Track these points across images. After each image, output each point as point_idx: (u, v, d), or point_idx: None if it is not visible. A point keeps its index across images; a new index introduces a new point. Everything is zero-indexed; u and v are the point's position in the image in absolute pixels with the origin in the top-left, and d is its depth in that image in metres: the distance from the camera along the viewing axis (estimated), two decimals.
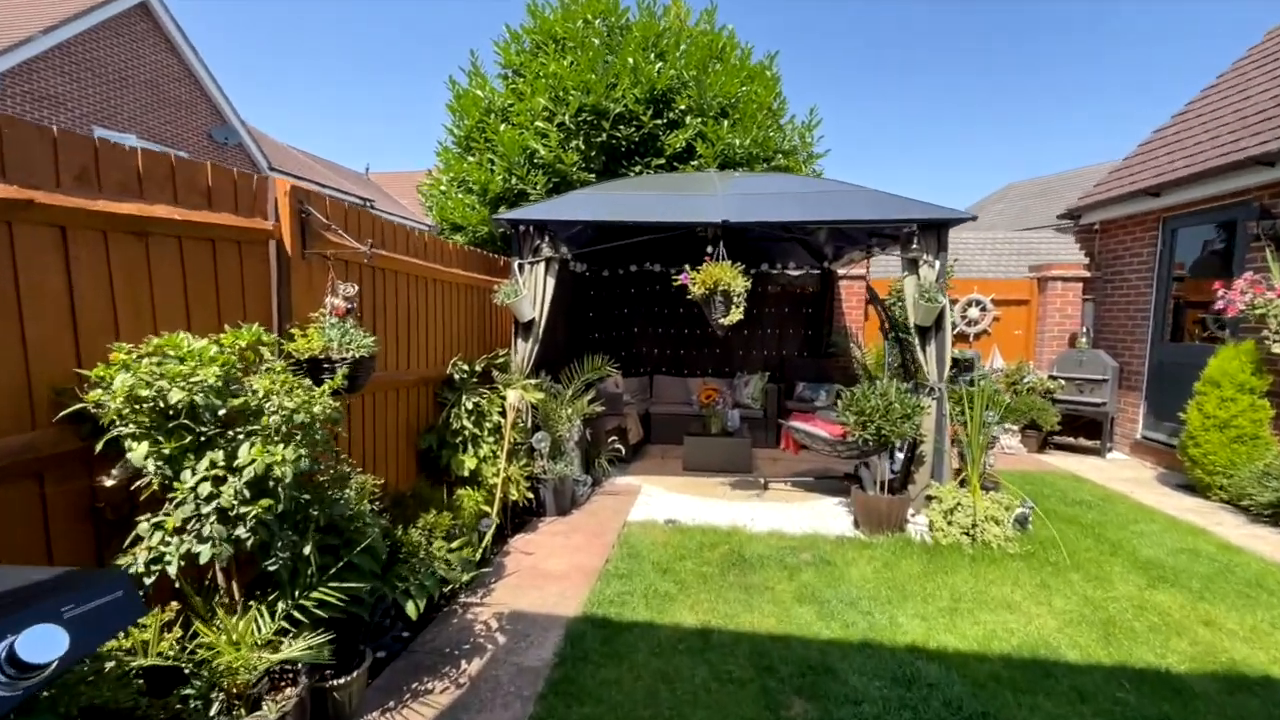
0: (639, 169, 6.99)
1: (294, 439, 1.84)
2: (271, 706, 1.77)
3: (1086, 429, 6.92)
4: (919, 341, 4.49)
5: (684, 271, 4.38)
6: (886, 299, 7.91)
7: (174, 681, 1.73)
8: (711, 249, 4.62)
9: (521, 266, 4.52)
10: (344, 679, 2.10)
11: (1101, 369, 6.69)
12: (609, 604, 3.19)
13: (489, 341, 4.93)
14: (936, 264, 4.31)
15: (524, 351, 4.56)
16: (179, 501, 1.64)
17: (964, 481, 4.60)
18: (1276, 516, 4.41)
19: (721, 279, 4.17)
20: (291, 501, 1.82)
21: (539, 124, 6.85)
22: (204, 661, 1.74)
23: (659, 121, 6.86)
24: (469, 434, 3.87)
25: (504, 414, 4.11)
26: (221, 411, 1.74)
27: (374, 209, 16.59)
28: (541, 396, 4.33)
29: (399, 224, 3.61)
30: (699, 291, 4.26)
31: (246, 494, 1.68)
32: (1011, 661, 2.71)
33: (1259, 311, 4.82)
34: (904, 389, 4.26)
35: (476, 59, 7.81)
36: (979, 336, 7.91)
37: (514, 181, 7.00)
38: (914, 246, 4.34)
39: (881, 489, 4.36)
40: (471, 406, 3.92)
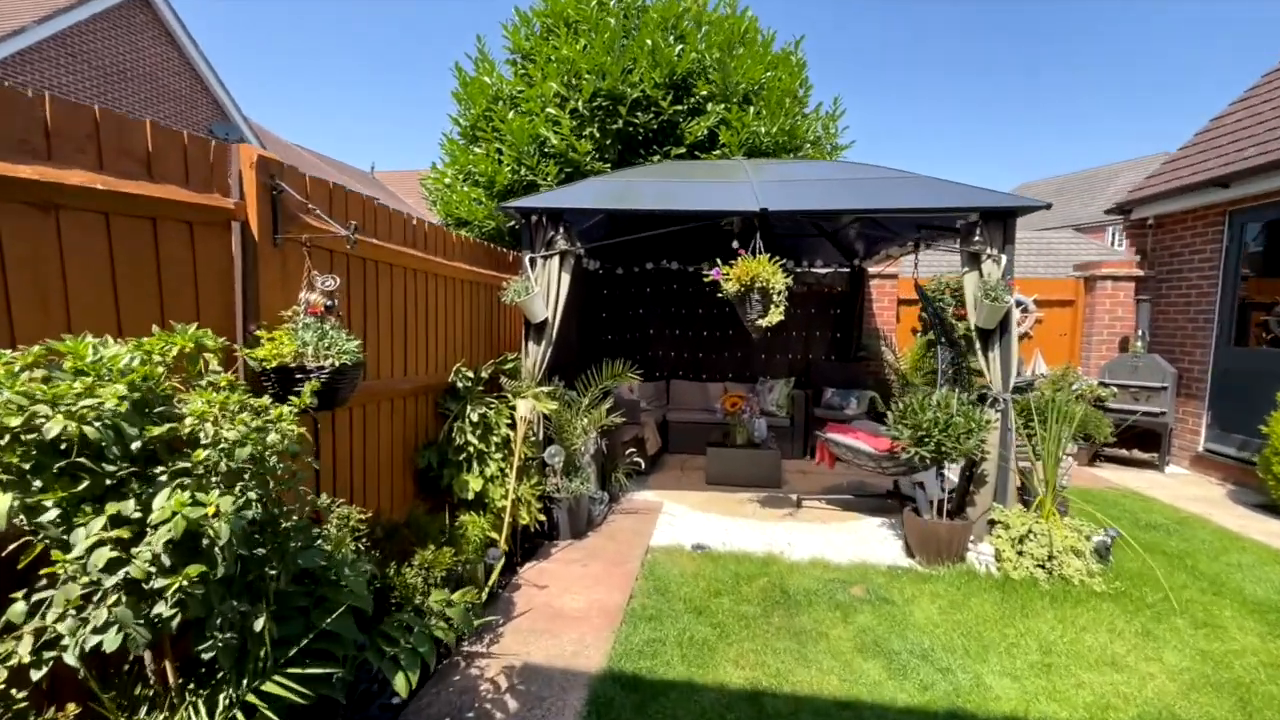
0: (657, 158, 6.51)
1: (240, 480, 1.37)
2: None
3: (1140, 440, 6.38)
4: (980, 346, 3.99)
5: (715, 266, 3.90)
6: (920, 299, 7.41)
7: None
8: (736, 244, 4.14)
9: (533, 261, 4.05)
10: None
11: (1160, 375, 6.16)
12: (638, 655, 2.71)
13: (496, 345, 4.46)
14: (1003, 259, 3.81)
15: (536, 356, 4.09)
16: (64, 578, 1.18)
17: (1027, 502, 4.09)
18: None
19: (759, 274, 3.69)
20: (236, 563, 1.35)
21: (550, 110, 6.38)
22: None
23: (679, 108, 6.39)
24: (474, 450, 3.40)
25: (513, 426, 3.65)
26: (136, 445, 1.27)
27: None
28: (555, 406, 3.86)
29: (396, 211, 3.14)
30: (733, 288, 3.78)
31: (167, 561, 1.21)
32: None
33: None
34: (966, 400, 3.76)
35: (483, 44, 7.36)
36: (1020, 339, 7.37)
37: (523, 172, 6.54)
38: (976, 239, 3.84)
39: (938, 511, 3.86)
40: (477, 419, 3.44)
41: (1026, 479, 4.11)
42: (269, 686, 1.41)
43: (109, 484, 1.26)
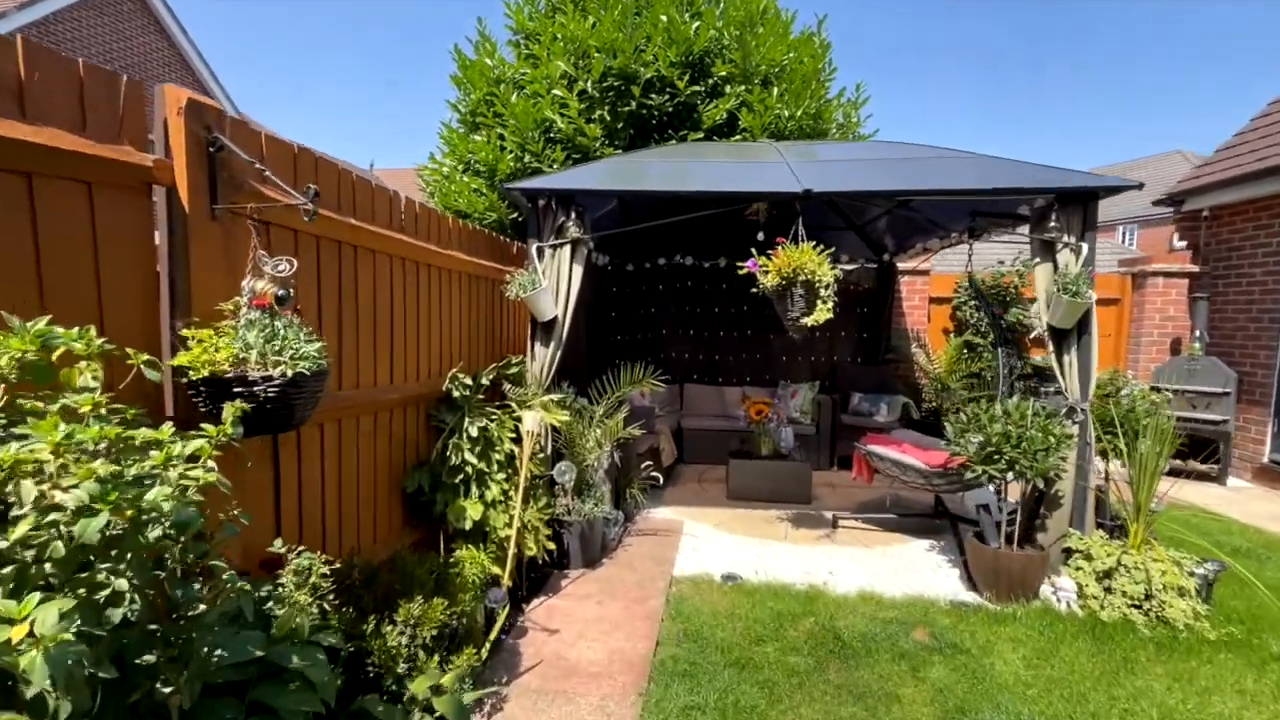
0: (673, 143, 6.01)
1: (108, 563, 0.86)
2: None
3: (1195, 450, 5.87)
4: (1054, 348, 3.48)
5: (751, 258, 3.40)
6: (953, 297, 6.91)
7: None
8: (763, 235, 3.64)
9: (541, 251, 3.55)
10: None
11: (1221, 380, 5.65)
12: None
13: (499, 346, 3.96)
14: (1083, 247, 3.31)
15: (544, 359, 3.58)
16: None
17: (1104, 527, 3.59)
18: None
19: (804, 266, 3.18)
20: (95, 695, 0.84)
21: (557, 92, 5.88)
22: None
23: (696, 89, 5.88)
24: (472, 470, 2.90)
25: (518, 441, 3.14)
26: None
27: None
28: (567, 418, 3.36)
29: (380, 187, 2.64)
30: (772, 283, 3.28)
31: None
32: None
33: None
34: (1044, 410, 3.25)
35: (484, 25, 6.85)
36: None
37: (527, 159, 6.03)
38: (1051, 225, 3.34)
39: (1007, 539, 3.35)
40: (476, 433, 2.94)
41: (1103, 500, 3.60)
42: None
43: None
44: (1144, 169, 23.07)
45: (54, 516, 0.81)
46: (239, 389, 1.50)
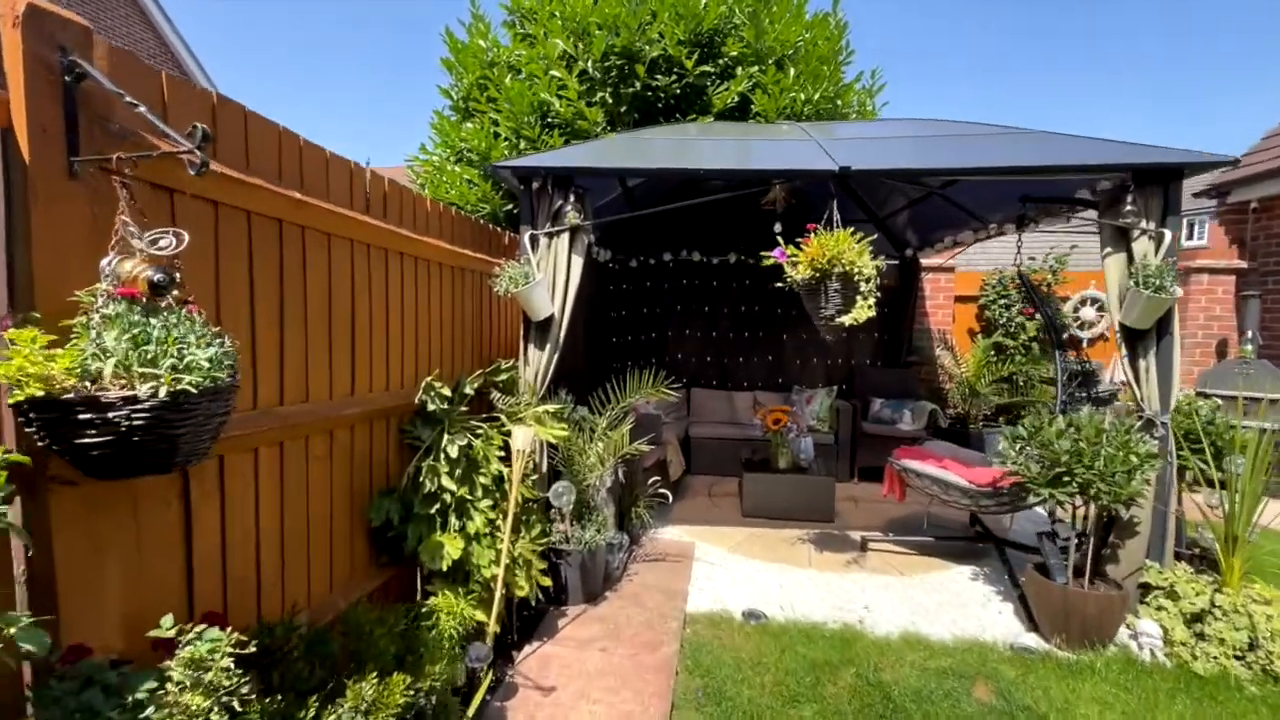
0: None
1: None
2: None
3: None
4: (1126, 352, 3.02)
5: (778, 246, 2.94)
6: (980, 295, 6.46)
7: None
8: (779, 227, 3.18)
9: (535, 240, 3.09)
10: None
11: (1276, 385, 5.19)
12: None
13: (487, 349, 3.49)
14: (1165, 234, 2.84)
15: (538, 363, 3.12)
16: None
17: (1181, 557, 3.13)
18: None
19: (841, 255, 2.72)
20: None
21: (555, 73, 5.42)
22: None
23: (706, 69, 5.42)
24: (451, 498, 2.43)
25: (507, 460, 2.68)
26: None
27: None
28: (564, 432, 2.89)
29: (335, 155, 2.18)
30: (804, 275, 2.81)
31: None
32: None
33: None
34: (1121, 424, 2.79)
35: (477, 6, 6.40)
36: (1093, 342, 6.42)
37: (522, 145, 5.57)
38: (1126, 208, 2.88)
39: (1074, 571, 2.89)
40: (456, 452, 2.47)
41: (1179, 526, 3.15)
42: None
43: None
44: None
45: None
46: (87, 414, 1.04)
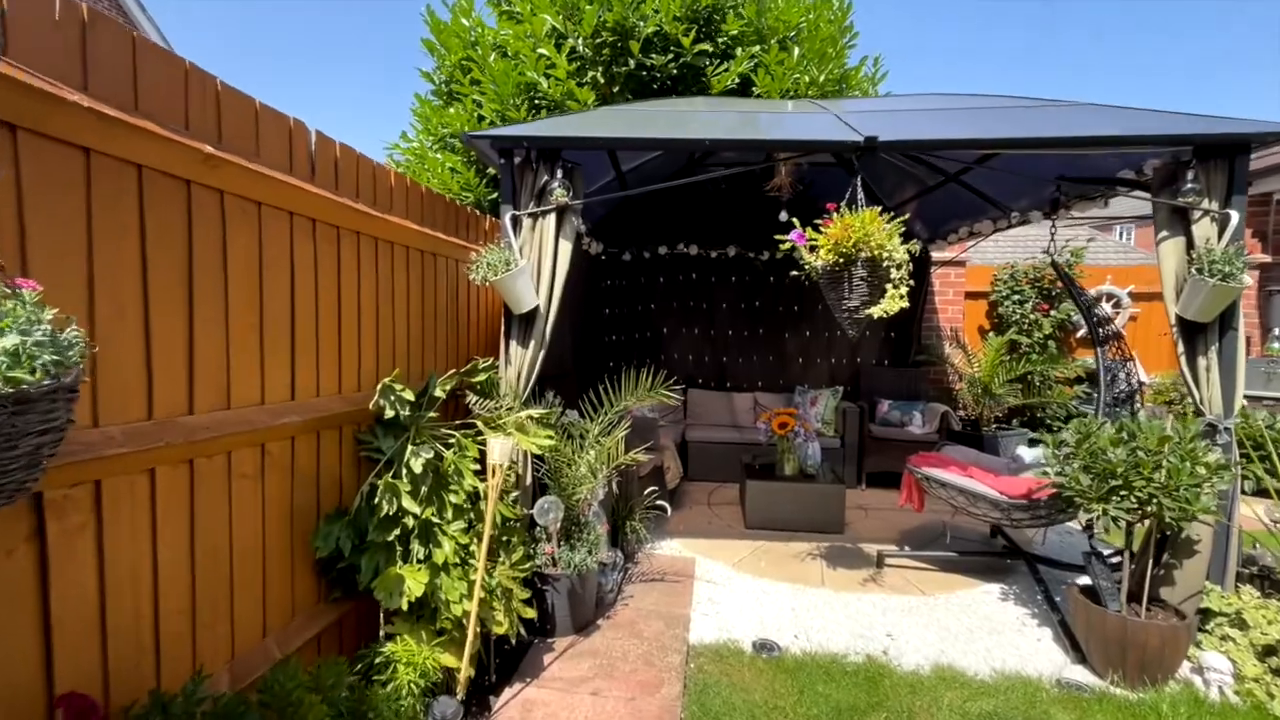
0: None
1: None
2: None
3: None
4: (1183, 349, 2.70)
5: (795, 229, 2.59)
6: (992, 291, 6.15)
7: None
8: (786, 215, 2.83)
9: (517, 221, 2.71)
10: None
11: None
12: None
13: (464, 346, 3.12)
14: (1231, 215, 2.52)
15: (522, 362, 2.75)
16: None
17: (1246, 577, 2.81)
18: None
19: (869, 237, 2.37)
20: None
21: (543, 51, 5.05)
22: None
23: (704, 47, 5.07)
24: (415, 521, 2.05)
25: (483, 473, 2.30)
26: None
27: None
28: (550, 441, 2.52)
29: (277, 112, 1.80)
30: (825, 260, 2.46)
31: None
32: None
33: None
34: (1186, 430, 2.45)
35: None
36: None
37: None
38: (1188, 185, 2.55)
39: (1128, 597, 2.55)
40: (421, 467, 2.09)
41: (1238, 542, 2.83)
42: None
43: None
44: None
45: None
46: None
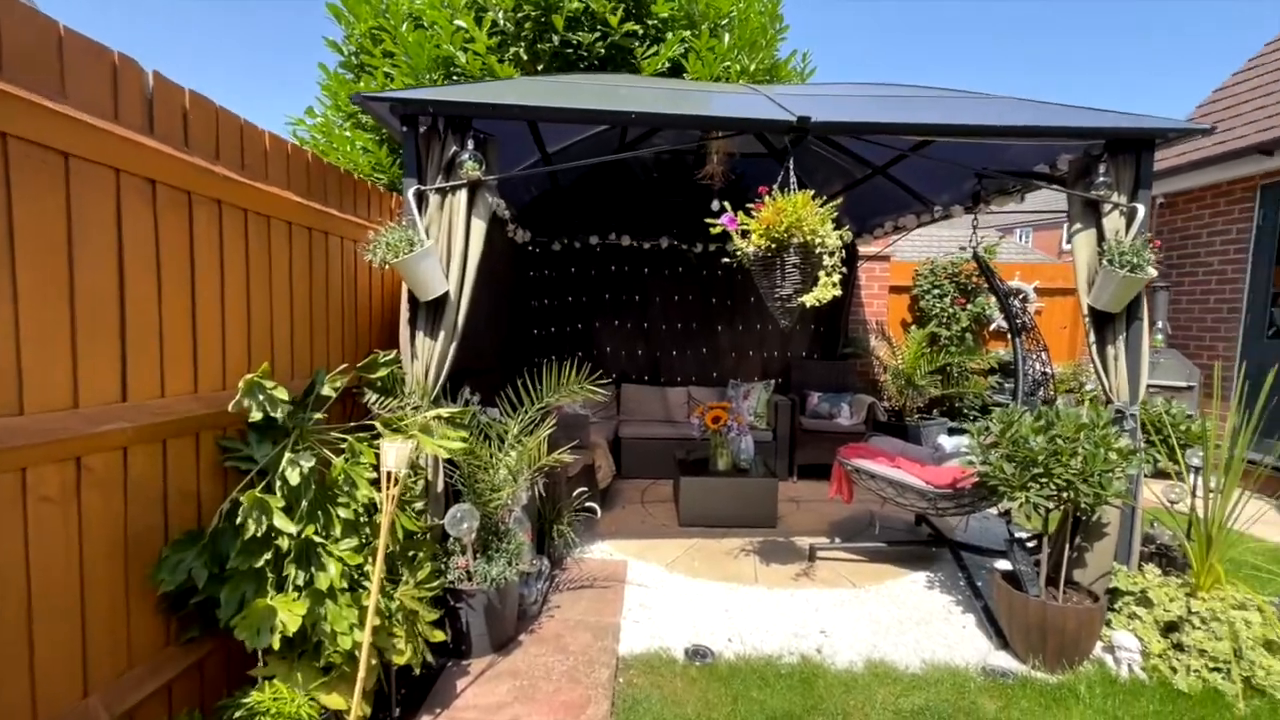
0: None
1: None
2: None
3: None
4: (1094, 339, 2.79)
5: (726, 213, 2.45)
6: (914, 285, 6.35)
7: None
8: (718, 203, 2.71)
9: (423, 197, 2.41)
10: None
11: (1185, 374, 5.37)
12: None
13: (367, 338, 2.78)
14: (1138, 209, 2.62)
15: (430, 356, 2.46)
16: None
17: (1145, 555, 2.95)
18: None
19: (801, 222, 2.26)
20: None
21: (460, 22, 4.69)
22: None
23: (632, 27, 4.88)
24: (292, 542, 1.74)
25: (379, 482, 2.01)
26: None
27: None
28: (461, 445, 2.25)
29: (71, 30, 1.44)
30: (757, 245, 2.33)
31: None
32: None
33: None
34: (1098, 418, 2.52)
35: None
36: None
37: None
38: (1100, 179, 2.62)
39: (1050, 583, 2.61)
40: (300, 477, 1.78)
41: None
42: None
43: None
44: None
45: None
46: None
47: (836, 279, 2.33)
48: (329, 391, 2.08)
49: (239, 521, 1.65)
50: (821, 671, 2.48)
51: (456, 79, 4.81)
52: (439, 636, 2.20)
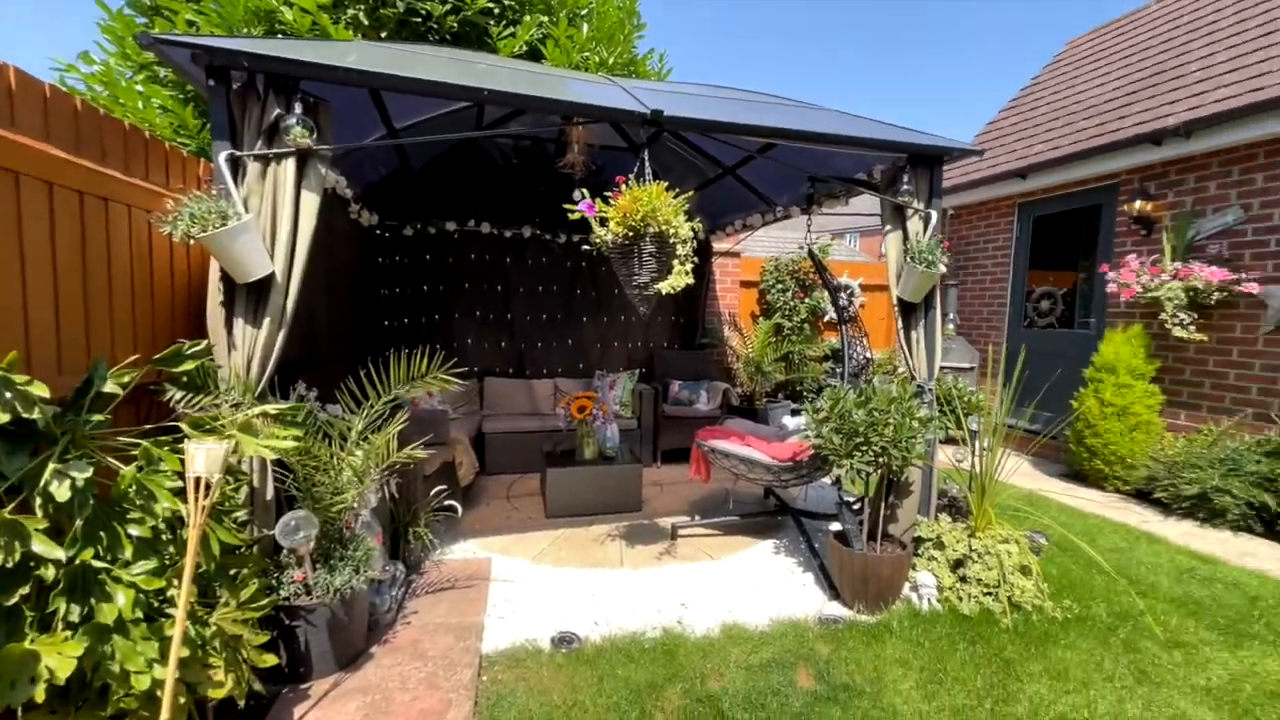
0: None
1: None
2: None
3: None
4: (901, 325, 3.25)
5: (584, 199, 2.45)
6: (761, 280, 6.89)
7: None
8: (580, 193, 2.76)
9: (239, 164, 2.10)
10: None
11: (969, 357, 6.47)
12: None
13: (155, 326, 2.37)
14: (932, 215, 3.08)
15: (253, 346, 2.16)
16: None
17: (942, 508, 3.51)
18: (1192, 510, 4.17)
19: (655, 211, 2.35)
20: None
21: None
22: None
23: (487, 4, 4.69)
24: (60, 572, 1.43)
25: (185, 492, 1.72)
26: None
27: None
28: (294, 444, 2.01)
29: None
30: (615, 233, 2.37)
31: None
32: None
33: (1153, 294, 4.67)
34: (904, 393, 2.94)
35: None
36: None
37: None
38: (904, 187, 3.05)
39: (870, 537, 3.00)
40: (69, 493, 1.47)
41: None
42: None
43: None
44: None
45: None
46: None
47: (689, 268, 2.46)
48: (113, 388, 1.73)
49: None
50: (682, 641, 2.62)
51: (281, 36, 4.26)
52: (270, 661, 1.95)
